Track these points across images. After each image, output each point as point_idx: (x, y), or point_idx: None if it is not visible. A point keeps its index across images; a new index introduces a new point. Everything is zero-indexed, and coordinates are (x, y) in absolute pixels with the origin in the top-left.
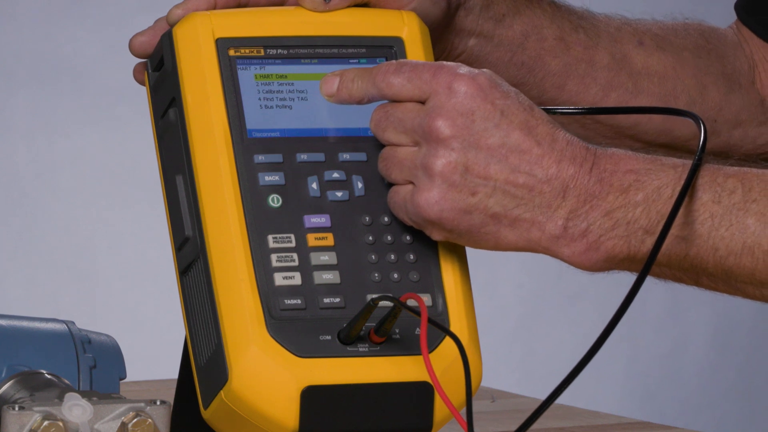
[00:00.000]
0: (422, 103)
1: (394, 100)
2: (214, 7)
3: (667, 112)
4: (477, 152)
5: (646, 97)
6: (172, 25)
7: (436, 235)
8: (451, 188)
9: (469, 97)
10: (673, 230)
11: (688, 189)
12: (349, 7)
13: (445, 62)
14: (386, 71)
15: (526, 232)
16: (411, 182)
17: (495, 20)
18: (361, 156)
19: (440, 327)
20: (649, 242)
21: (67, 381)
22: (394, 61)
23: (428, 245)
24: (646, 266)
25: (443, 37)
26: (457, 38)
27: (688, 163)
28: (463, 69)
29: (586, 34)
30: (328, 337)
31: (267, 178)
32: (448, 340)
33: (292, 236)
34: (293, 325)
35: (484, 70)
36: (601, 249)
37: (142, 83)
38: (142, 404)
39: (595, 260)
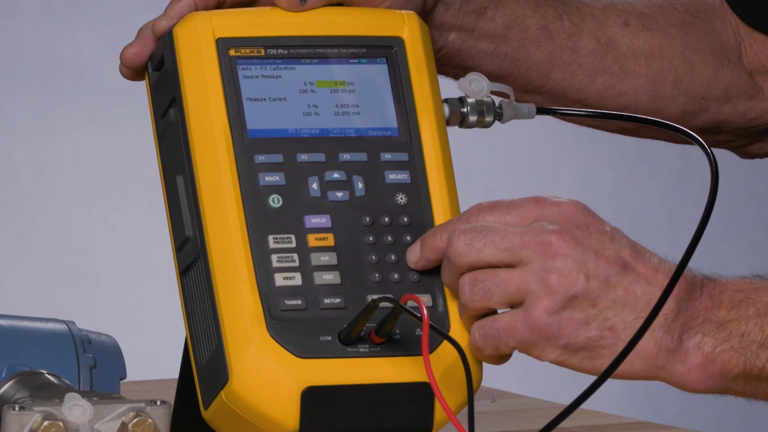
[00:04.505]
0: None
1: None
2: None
3: (671, 129)
4: (596, 264)
5: (633, 79)
6: (158, 36)
7: (548, 354)
8: (572, 299)
9: (581, 214)
10: None
11: None
12: (324, 6)
13: (538, 196)
14: (478, 213)
15: (643, 347)
16: (512, 304)
17: (476, 14)
18: (362, 156)
19: (439, 332)
20: (764, 357)
21: (67, 381)
22: (482, 203)
23: None
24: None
25: None
26: (437, 33)
27: None
28: (555, 197)
29: (570, 21)
30: (329, 338)
31: (267, 179)
32: None
33: (293, 237)
34: (293, 326)
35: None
36: (716, 361)
37: (129, 78)
38: (142, 404)
39: (711, 374)
